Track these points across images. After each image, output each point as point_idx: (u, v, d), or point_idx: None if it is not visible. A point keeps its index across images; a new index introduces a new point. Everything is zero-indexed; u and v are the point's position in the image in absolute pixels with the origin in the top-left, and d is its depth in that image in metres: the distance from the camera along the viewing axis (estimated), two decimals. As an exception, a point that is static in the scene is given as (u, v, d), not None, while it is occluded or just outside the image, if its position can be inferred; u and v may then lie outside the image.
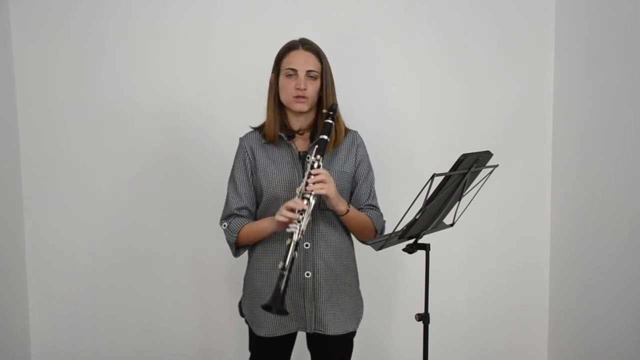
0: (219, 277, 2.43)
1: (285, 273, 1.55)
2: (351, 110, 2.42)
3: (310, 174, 1.65)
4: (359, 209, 1.82)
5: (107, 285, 2.40)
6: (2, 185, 2.24)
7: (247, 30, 2.34)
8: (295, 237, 1.59)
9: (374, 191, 1.90)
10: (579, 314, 2.38)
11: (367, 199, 1.86)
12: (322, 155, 1.67)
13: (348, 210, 1.74)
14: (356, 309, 1.88)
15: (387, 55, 2.43)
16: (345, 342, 1.86)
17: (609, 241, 2.19)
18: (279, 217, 1.63)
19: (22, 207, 2.35)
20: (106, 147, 2.35)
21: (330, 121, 1.72)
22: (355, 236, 1.88)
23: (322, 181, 1.64)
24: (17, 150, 2.33)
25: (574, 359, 2.43)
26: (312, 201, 1.64)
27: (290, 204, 1.62)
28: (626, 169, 2.09)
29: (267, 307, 1.53)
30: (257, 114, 2.34)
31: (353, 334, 1.88)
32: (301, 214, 1.60)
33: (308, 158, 1.69)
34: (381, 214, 1.89)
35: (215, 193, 2.40)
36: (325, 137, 1.69)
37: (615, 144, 2.15)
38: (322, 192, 1.64)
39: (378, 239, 1.70)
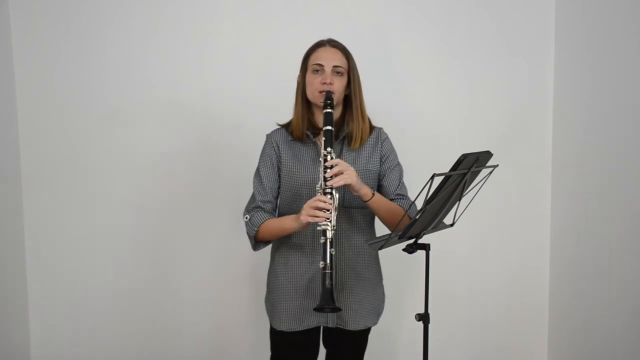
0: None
1: (328, 272, 1.58)
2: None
3: (325, 167, 1.64)
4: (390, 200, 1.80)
5: (110, 286, 2.40)
6: (2, 186, 2.24)
7: (247, 30, 2.34)
8: (329, 235, 1.60)
9: (403, 182, 1.89)
10: (579, 314, 2.38)
11: (396, 189, 1.85)
12: (331, 146, 1.66)
13: (373, 194, 1.73)
14: (376, 304, 1.89)
15: (386, 55, 2.43)
16: (362, 336, 1.89)
17: (609, 241, 2.19)
18: (306, 218, 1.62)
19: (22, 207, 2.35)
20: (106, 147, 2.35)
21: (329, 110, 1.70)
22: (386, 224, 1.84)
23: (339, 172, 1.63)
24: (17, 150, 2.33)
25: (574, 359, 2.43)
26: (336, 195, 1.64)
27: (315, 203, 1.62)
28: (626, 169, 2.09)
29: (320, 309, 1.57)
30: (258, 112, 2.34)
31: (370, 329, 1.90)
32: (328, 211, 1.61)
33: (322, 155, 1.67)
34: (413, 202, 1.76)
35: (215, 193, 2.40)
36: (329, 127, 1.68)
37: (615, 143, 2.15)
38: (341, 183, 1.63)
39: (378, 239, 1.70)
